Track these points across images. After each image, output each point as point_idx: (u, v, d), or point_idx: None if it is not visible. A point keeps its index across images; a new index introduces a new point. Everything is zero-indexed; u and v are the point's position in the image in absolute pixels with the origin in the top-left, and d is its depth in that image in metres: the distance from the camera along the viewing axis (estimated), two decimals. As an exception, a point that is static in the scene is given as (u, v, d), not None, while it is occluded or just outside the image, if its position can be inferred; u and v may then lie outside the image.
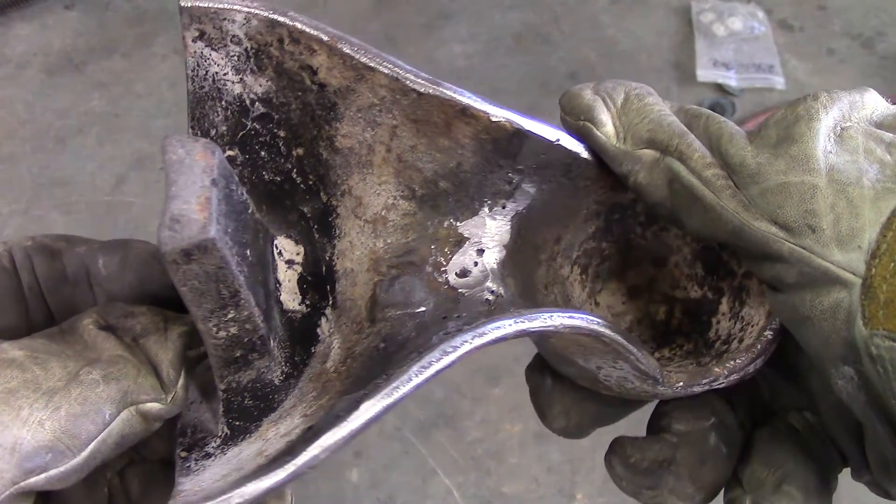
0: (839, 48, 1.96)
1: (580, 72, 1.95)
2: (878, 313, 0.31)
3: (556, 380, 0.43)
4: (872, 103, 0.36)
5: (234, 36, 0.38)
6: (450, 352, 0.32)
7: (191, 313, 0.33)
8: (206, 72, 0.38)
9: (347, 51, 0.39)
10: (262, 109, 0.39)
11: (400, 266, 0.40)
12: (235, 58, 0.38)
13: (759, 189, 0.34)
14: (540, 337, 0.37)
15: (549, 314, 0.35)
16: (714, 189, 0.35)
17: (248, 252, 0.34)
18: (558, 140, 0.40)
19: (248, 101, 0.39)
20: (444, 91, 0.39)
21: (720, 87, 1.88)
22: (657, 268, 0.46)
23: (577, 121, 0.40)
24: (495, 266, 0.41)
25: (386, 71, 0.39)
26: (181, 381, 0.35)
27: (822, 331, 0.33)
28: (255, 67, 0.38)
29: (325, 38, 0.39)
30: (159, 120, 1.94)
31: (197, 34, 0.37)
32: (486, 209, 0.41)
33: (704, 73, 1.90)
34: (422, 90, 0.39)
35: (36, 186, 1.82)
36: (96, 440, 0.32)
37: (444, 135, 0.39)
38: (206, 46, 0.37)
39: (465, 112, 0.39)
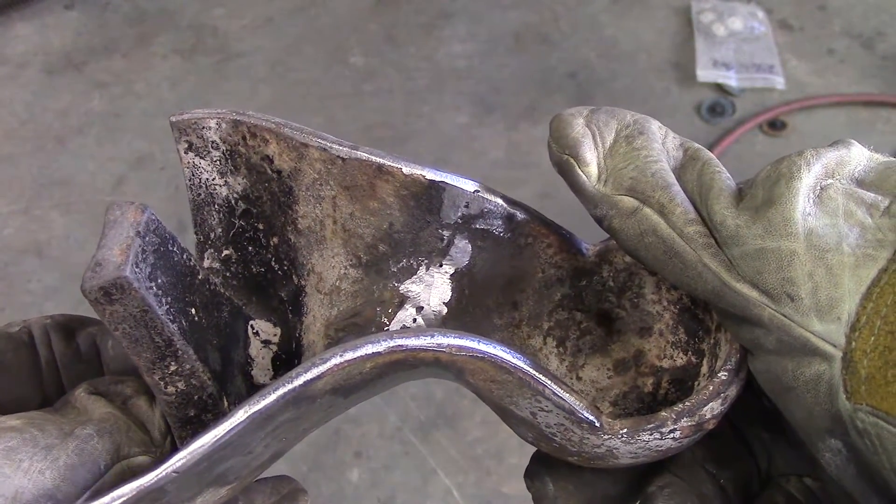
0: (839, 48, 1.96)
1: (580, 72, 1.95)
2: (860, 388, 0.30)
3: (557, 479, 0.40)
4: (857, 158, 0.36)
5: (213, 141, 0.42)
6: (318, 363, 0.33)
7: (135, 364, 0.34)
8: (200, 179, 0.42)
9: (287, 132, 0.41)
10: (244, 206, 0.42)
11: (346, 328, 0.42)
12: (218, 162, 0.42)
13: (740, 252, 0.33)
14: (457, 375, 0.36)
15: (432, 334, 0.34)
16: (695, 247, 0.34)
17: (194, 311, 0.37)
18: (476, 191, 0.41)
19: (233, 201, 0.43)
20: (360, 154, 0.40)
21: (720, 87, 1.88)
22: (643, 338, 0.44)
23: (561, 153, 0.38)
24: (434, 322, 0.43)
25: (316, 144, 0.40)
26: (169, 438, 0.37)
27: (806, 403, 0.32)
28: (232, 168, 0.42)
29: (272, 126, 0.41)
30: (159, 120, 1.94)
31: (186, 145, 0.42)
32: (423, 268, 0.42)
33: (704, 73, 1.90)
34: (343, 156, 0.40)
35: (36, 186, 1.82)
36: (91, 490, 0.33)
37: (371, 197, 0.41)
38: (195, 156, 0.42)
39: (381, 170, 0.40)
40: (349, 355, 0.33)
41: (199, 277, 0.39)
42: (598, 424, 0.35)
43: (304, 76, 2.01)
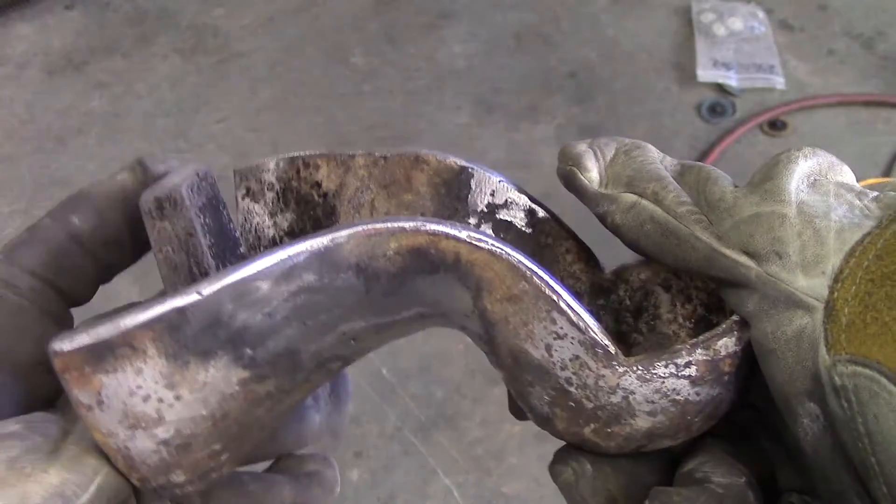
0: (839, 48, 1.96)
1: (580, 72, 1.95)
2: (840, 337, 0.31)
3: (594, 460, 0.40)
4: (849, 174, 0.39)
5: (269, 183, 0.44)
6: (346, 227, 0.34)
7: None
8: (251, 224, 0.45)
9: (337, 152, 0.44)
10: (288, 240, 0.44)
11: None
12: (271, 203, 0.45)
13: (733, 221, 0.36)
14: (476, 293, 0.35)
15: (456, 225, 0.35)
16: (687, 223, 0.37)
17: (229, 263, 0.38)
18: (501, 181, 0.44)
19: (278, 239, 0.45)
20: (402, 148, 0.44)
21: (720, 87, 1.88)
22: None
23: (565, 165, 0.42)
24: None
25: (362, 152, 0.44)
26: None
27: (787, 363, 0.33)
28: (283, 206, 0.45)
29: (325, 151, 0.45)
30: (159, 120, 1.94)
31: (244, 191, 0.44)
32: None
33: (705, 73, 1.90)
34: (387, 154, 0.44)
35: (36, 186, 1.82)
36: (102, 474, 0.33)
37: (407, 190, 0.44)
38: (251, 201, 0.44)
39: (418, 160, 0.44)
40: (377, 225, 0.34)
41: (241, 251, 0.41)
42: (612, 351, 0.35)
43: (304, 76, 2.01)
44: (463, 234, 0.35)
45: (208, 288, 0.32)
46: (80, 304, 0.42)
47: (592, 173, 0.41)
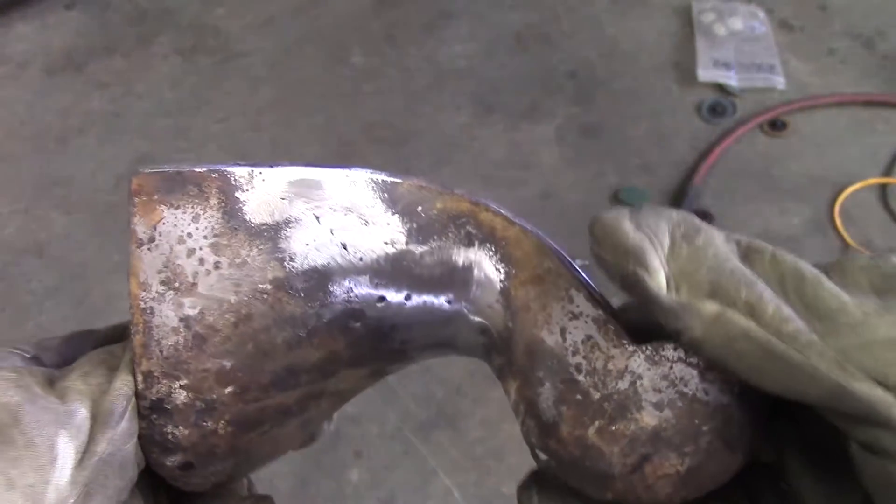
0: (840, 48, 1.95)
1: (581, 71, 1.95)
2: None
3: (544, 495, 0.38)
4: None
5: None
6: (403, 174, 0.37)
7: None
8: None
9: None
10: None
11: None
12: None
13: (861, 342, 0.30)
14: (506, 272, 0.37)
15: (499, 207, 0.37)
16: (799, 346, 0.30)
17: None
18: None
19: None
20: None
21: (721, 87, 1.88)
22: None
23: (623, 264, 0.34)
24: None
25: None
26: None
27: None
28: None
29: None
30: (159, 120, 1.94)
31: None
32: None
33: (705, 73, 1.90)
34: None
35: (36, 186, 1.82)
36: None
37: None
38: None
39: None
40: (430, 182, 0.36)
41: None
42: (622, 331, 0.36)
43: (304, 76, 2.01)
44: (501, 210, 0.37)
45: (279, 169, 0.35)
46: None
47: (660, 276, 0.33)
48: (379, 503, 1.33)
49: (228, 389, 0.35)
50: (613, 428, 0.36)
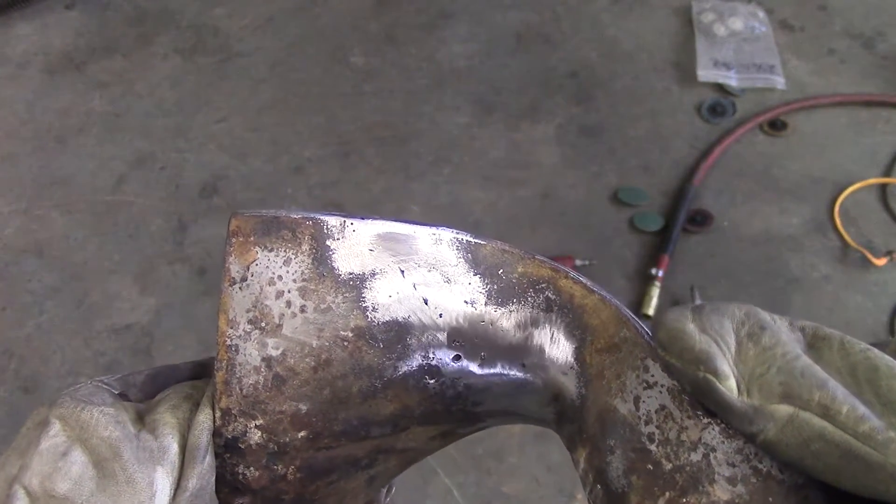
0: (840, 48, 1.95)
1: (581, 71, 1.95)
2: None
3: None
4: None
5: None
6: (487, 238, 0.37)
7: None
8: None
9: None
10: None
11: None
12: None
13: None
14: (580, 341, 0.37)
15: (580, 277, 0.38)
16: (877, 445, 0.30)
17: None
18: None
19: None
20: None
21: (721, 87, 1.88)
22: None
23: (693, 371, 0.33)
24: None
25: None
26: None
27: None
28: None
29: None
30: (159, 119, 1.94)
31: None
32: None
33: (705, 73, 1.90)
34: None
35: (36, 186, 1.82)
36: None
37: None
38: None
39: None
40: (514, 247, 0.37)
41: None
42: (697, 403, 0.35)
43: (304, 76, 2.01)
44: (581, 278, 0.37)
45: (369, 222, 0.36)
46: None
47: (731, 381, 0.33)
48: (379, 503, 1.33)
49: (301, 434, 0.36)
50: (684, 500, 0.34)
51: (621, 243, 1.61)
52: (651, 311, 1.50)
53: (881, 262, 1.54)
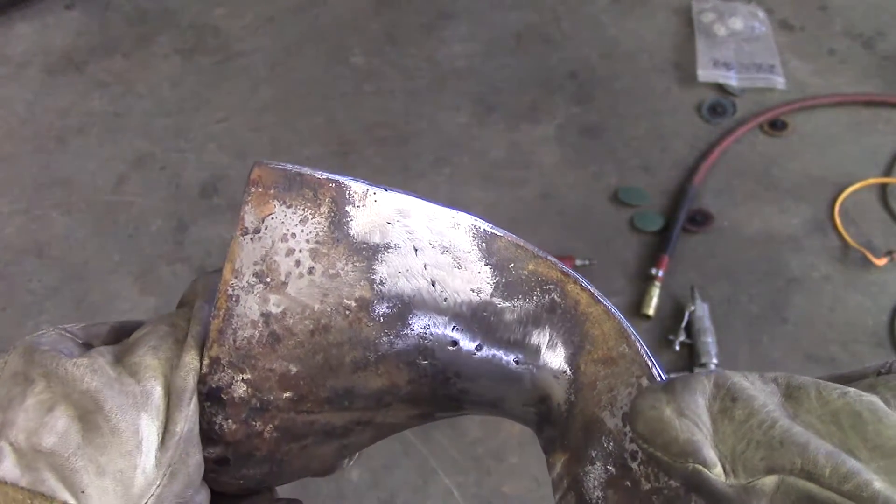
0: (840, 48, 1.95)
1: (581, 72, 1.95)
2: None
3: None
4: None
5: None
6: (503, 231, 0.38)
7: None
8: None
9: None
10: None
11: None
12: None
13: None
14: (577, 347, 0.37)
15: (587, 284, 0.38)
16: (863, 501, 0.30)
17: None
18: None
19: None
20: None
21: (721, 87, 1.88)
22: None
23: (683, 463, 0.33)
24: None
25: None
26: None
27: None
28: None
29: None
30: (159, 119, 1.94)
31: None
32: None
33: (705, 73, 1.90)
34: None
35: (36, 186, 1.82)
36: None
37: None
38: None
39: None
40: (528, 243, 0.37)
41: None
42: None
43: (304, 76, 2.01)
44: (590, 287, 0.37)
45: (392, 194, 0.36)
46: None
47: (718, 467, 0.32)
48: (379, 503, 1.33)
49: (286, 395, 0.35)
50: None
51: (621, 243, 1.61)
52: (651, 311, 1.50)
53: (881, 262, 1.54)
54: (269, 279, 0.35)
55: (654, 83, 1.91)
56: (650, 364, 0.37)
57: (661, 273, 1.53)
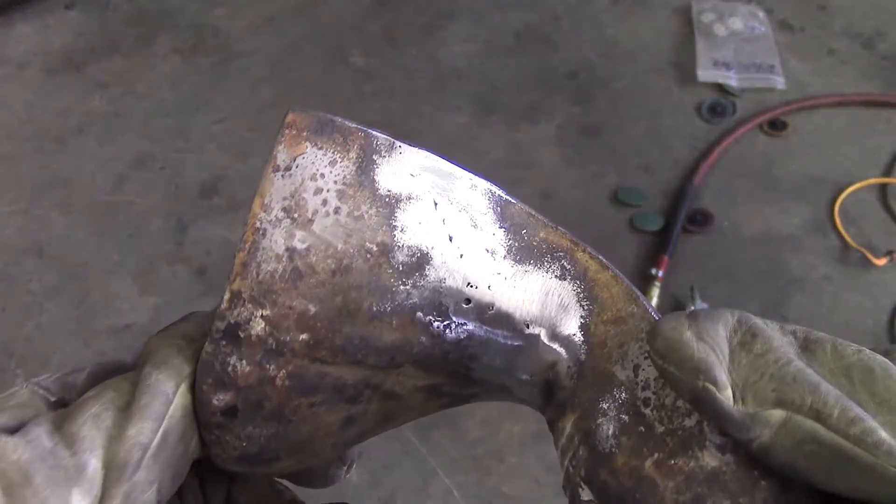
0: (840, 48, 1.95)
1: (581, 71, 1.95)
2: None
3: None
4: None
5: None
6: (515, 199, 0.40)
7: None
8: None
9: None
10: None
11: None
12: None
13: None
14: (587, 310, 0.39)
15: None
16: (867, 447, 0.30)
17: None
18: None
19: None
20: None
21: (720, 87, 1.88)
22: None
23: (693, 380, 0.33)
24: None
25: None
26: None
27: None
28: None
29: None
30: (159, 120, 1.94)
31: None
32: None
33: (705, 73, 1.90)
34: None
35: (36, 186, 1.82)
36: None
37: None
38: None
39: None
40: (536, 212, 0.39)
41: None
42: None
43: (304, 76, 2.01)
44: (598, 255, 0.39)
45: (416, 150, 0.38)
46: None
47: (728, 390, 0.33)
48: (379, 503, 1.33)
49: (303, 336, 0.36)
50: (672, 462, 0.35)
51: (621, 243, 1.61)
52: (651, 311, 1.50)
53: (881, 262, 1.54)
54: (296, 214, 0.36)
55: (654, 83, 1.91)
56: (653, 312, 0.38)
57: (660, 273, 1.53)
